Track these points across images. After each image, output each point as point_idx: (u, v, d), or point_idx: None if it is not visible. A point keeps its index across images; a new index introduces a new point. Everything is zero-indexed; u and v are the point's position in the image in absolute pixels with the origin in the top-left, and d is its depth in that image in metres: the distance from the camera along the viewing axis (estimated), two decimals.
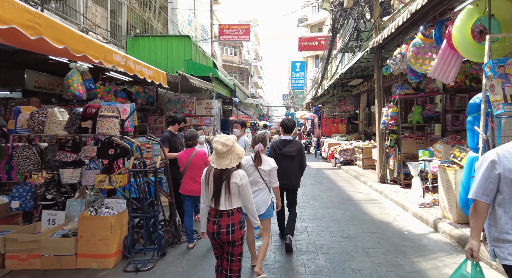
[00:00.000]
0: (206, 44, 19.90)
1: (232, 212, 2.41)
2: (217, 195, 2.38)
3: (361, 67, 10.96)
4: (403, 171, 6.97)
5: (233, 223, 2.39)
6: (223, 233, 2.37)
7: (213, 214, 2.43)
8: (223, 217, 2.39)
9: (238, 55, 41.67)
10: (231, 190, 2.36)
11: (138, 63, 3.30)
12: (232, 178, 2.37)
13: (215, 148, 2.39)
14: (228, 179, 2.36)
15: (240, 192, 2.42)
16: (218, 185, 2.37)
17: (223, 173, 2.37)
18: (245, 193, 2.43)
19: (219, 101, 9.63)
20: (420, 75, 6.10)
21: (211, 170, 2.44)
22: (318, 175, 9.75)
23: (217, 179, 2.38)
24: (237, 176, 2.39)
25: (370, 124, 14.14)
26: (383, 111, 7.41)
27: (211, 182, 2.40)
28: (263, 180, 3.23)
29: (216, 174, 2.38)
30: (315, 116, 19.96)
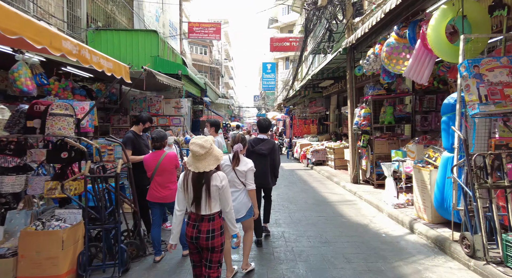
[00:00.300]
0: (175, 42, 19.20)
1: (213, 217, 2.32)
2: (197, 199, 2.28)
3: (332, 68, 11.04)
4: (375, 172, 7.01)
5: (214, 229, 2.30)
6: (202, 238, 2.27)
7: (193, 218, 2.33)
8: (204, 222, 2.30)
9: (209, 55, 40.97)
10: (211, 193, 2.28)
11: (95, 53, 2.87)
12: (212, 181, 2.28)
13: (192, 150, 2.27)
14: (208, 182, 2.27)
15: (220, 195, 2.33)
16: (197, 189, 2.27)
17: (202, 177, 2.28)
18: (224, 195, 2.35)
19: (189, 100, 9.18)
20: (393, 76, 6.15)
21: (188, 174, 2.32)
22: (291, 176, 9.62)
23: (196, 183, 2.27)
24: (217, 178, 2.30)
25: (340, 125, 14.35)
26: (356, 111, 7.43)
27: (190, 187, 2.29)
28: (240, 181, 3.12)
29: (195, 178, 2.28)
30: (287, 117, 20.00)
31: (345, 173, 9.31)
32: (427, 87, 6.83)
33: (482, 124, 3.83)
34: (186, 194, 2.32)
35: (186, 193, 2.32)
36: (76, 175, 3.44)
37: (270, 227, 4.70)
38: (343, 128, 13.17)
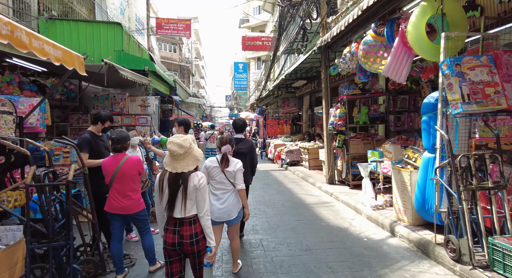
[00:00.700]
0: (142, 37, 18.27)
1: (194, 220, 2.18)
2: (171, 201, 2.14)
3: (305, 68, 10.95)
4: (351, 172, 6.93)
5: (197, 233, 2.16)
6: (186, 244, 2.14)
7: (172, 222, 2.18)
8: (185, 226, 2.15)
9: (178, 53, 39.82)
10: (188, 194, 2.14)
11: (36, 37, 2.36)
12: (190, 181, 2.15)
13: (169, 149, 2.15)
14: (186, 183, 2.14)
15: (196, 196, 2.17)
16: (173, 191, 2.14)
17: (179, 177, 2.15)
18: (201, 196, 2.17)
19: (157, 98, 8.61)
20: (369, 75, 6.07)
21: (164, 175, 2.19)
22: (266, 178, 9.35)
23: (172, 184, 2.14)
24: (195, 178, 2.17)
25: (313, 125, 14.36)
26: (331, 111, 7.31)
27: (166, 188, 2.16)
28: (230, 181, 3.06)
29: (171, 178, 2.15)
30: (260, 117, 19.77)
31: (320, 174, 9.21)
32: (401, 88, 6.85)
33: (462, 124, 3.76)
34: (161, 195, 2.19)
35: (161, 194, 2.19)
36: (17, 183, 2.88)
37: (247, 234, 4.37)
38: (316, 128, 13.16)
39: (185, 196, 2.12)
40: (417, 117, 6.89)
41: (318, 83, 11.45)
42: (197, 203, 2.18)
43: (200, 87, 56.39)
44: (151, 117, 8.28)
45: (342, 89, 7.26)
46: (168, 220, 2.21)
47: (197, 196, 2.16)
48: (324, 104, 7.62)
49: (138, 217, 3.19)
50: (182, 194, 2.12)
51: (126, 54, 8.45)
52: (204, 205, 2.18)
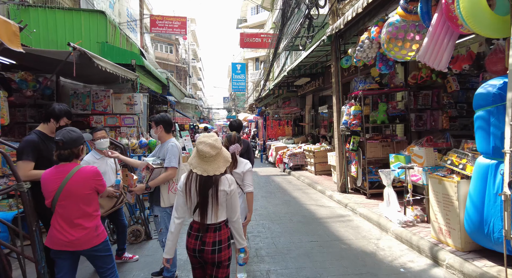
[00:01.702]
0: (135, 35, 17.33)
1: (219, 226, 2.02)
2: (203, 206, 1.97)
3: (310, 63, 10.06)
4: (368, 179, 6.00)
5: (221, 240, 1.99)
6: (207, 251, 1.96)
7: (196, 227, 2.02)
8: (209, 233, 1.99)
9: (175, 53, 38.97)
10: (219, 199, 1.98)
11: None
12: (221, 185, 1.99)
13: (201, 150, 1.95)
14: (216, 187, 1.97)
15: (227, 201, 2.03)
16: (204, 195, 1.96)
17: (209, 180, 1.97)
18: (232, 202, 2.05)
19: (145, 96, 7.67)
20: (391, 65, 5.15)
21: (192, 178, 2.00)
22: (268, 184, 8.40)
23: (203, 188, 1.96)
24: (225, 182, 2.01)
25: (317, 126, 13.45)
26: (343, 109, 6.39)
27: (194, 192, 1.98)
28: (238, 184, 2.84)
29: (202, 182, 1.97)
30: (259, 118, 18.85)
31: (329, 180, 8.27)
32: (423, 82, 5.96)
33: None
34: (188, 200, 2.02)
35: (188, 199, 2.02)
36: None
37: (250, 264, 3.42)
38: (321, 130, 12.24)
39: (216, 201, 1.97)
40: (441, 116, 6.00)
41: (323, 80, 10.56)
42: (228, 209, 2.05)
43: (198, 89, 55.54)
44: (139, 116, 7.35)
45: (356, 84, 6.34)
46: (192, 225, 2.05)
47: (228, 203, 2.03)
48: (335, 101, 6.69)
49: (97, 253, 2.24)
50: (212, 199, 1.97)
51: (111, 47, 7.51)
52: (237, 209, 2.07)
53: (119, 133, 7.16)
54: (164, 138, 3.08)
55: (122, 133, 7.15)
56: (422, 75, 5.88)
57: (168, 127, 3.09)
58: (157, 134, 3.08)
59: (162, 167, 2.91)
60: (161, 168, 2.91)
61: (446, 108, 5.95)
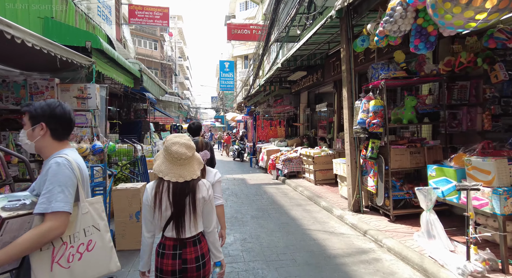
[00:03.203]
0: (109, 26, 15.51)
1: (199, 238, 1.80)
2: (179, 219, 1.72)
3: (307, 53, 8.60)
4: (392, 196, 4.55)
5: (203, 254, 1.79)
6: (191, 269, 1.73)
7: (171, 245, 1.74)
8: (189, 248, 1.75)
9: (159, 50, 37.12)
10: (197, 207, 1.76)
11: None
12: (199, 192, 1.77)
13: (176, 152, 1.70)
14: (194, 194, 1.75)
15: (203, 209, 1.81)
16: (181, 204, 1.72)
17: (186, 187, 1.73)
18: (209, 209, 1.83)
19: (103, 88, 6.03)
20: (432, 42, 3.71)
21: (163, 187, 1.72)
22: (259, 197, 6.88)
23: (179, 196, 1.72)
24: (203, 188, 1.80)
25: (313, 127, 12.02)
26: (358, 105, 4.93)
27: (167, 203, 1.71)
28: None
29: (177, 190, 1.72)
30: (248, 118, 17.31)
31: (333, 192, 6.82)
32: (461, 69, 4.58)
33: None
34: (158, 214, 1.73)
35: (158, 213, 1.72)
36: None
37: None
38: (319, 131, 10.82)
39: (194, 209, 1.74)
40: (479, 114, 4.66)
41: (322, 74, 9.12)
42: (205, 217, 1.83)
43: (185, 88, 53.69)
44: (94, 114, 5.73)
45: (374, 72, 4.89)
46: (164, 243, 1.76)
47: (206, 209, 1.82)
48: (346, 95, 5.23)
49: None
50: (190, 207, 1.73)
51: (58, 24, 5.88)
52: (214, 218, 1.87)
53: None
54: (48, 151, 1.52)
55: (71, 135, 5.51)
56: (461, 60, 4.49)
57: (61, 130, 1.54)
58: (31, 142, 1.51)
59: (30, 214, 1.34)
60: (28, 217, 1.34)
61: (488, 104, 4.59)
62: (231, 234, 4.53)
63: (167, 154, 1.72)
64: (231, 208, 6.04)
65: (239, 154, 15.98)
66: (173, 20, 43.63)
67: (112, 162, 6.22)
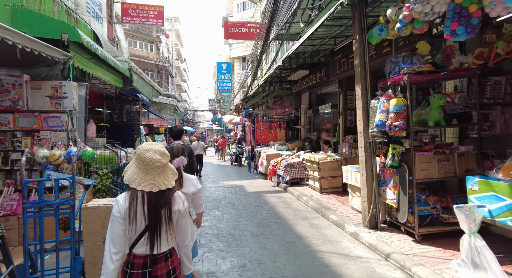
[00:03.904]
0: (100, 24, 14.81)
1: (170, 252, 1.70)
2: (154, 232, 1.62)
3: (311, 49, 7.92)
4: (417, 212, 3.85)
5: (174, 268, 1.70)
6: None
7: (140, 263, 1.62)
8: (160, 263, 1.65)
9: (156, 51, 36.41)
10: (173, 220, 1.68)
11: None
12: (175, 204, 1.69)
13: (150, 159, 1.63)
14: (170, 205, 1.66)
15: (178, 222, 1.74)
16: (157, 217, 1.62)
17: (161, 198, 1.65)
18: (184, 222, 1.76)
19: (82, 86, 5.31)
20: (474, 26, 3.03)
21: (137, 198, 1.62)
22: (260, 209, 6.16)
23: (154, 208, 1.63)
24: (179, 200, 1.73)
25: (315, 129, 11.34)
26: (374, 104, 4.24)
27: (141, 216, 1.61)
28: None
29: (152, 201, 1.63)
30: (246, 120, 16.61)
31: (342, 202, 6.11)
32: (496, 62, 3.91)
33: None
34: (131, 228, 1.61)
35: (131, 227, 1.60)
36: None
37: None
38: (322, 134, 10.13)
39: (170, 223, 1.66)
40: None
41: (326, 72, 8.45)
42: (181, 230, 1.76)
43: (182, 91, 53.00)
44: (70, 115, 5.03)
45: (393, 66, 4.21)
46: (132, 262, 1.63)
47: (182, 222, 1.75)
48: (360, 93, 4.53)
49: None
50: (166, 220, 1.64)
51: (29, 13, 5.15)
52: (189, 231, 1.80)
53: (38, 141, 4.81)
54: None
55: (42, 140, 4.80)
56: (498, 51, 3.82)
57: None
58: None
59: None
60: None
61: None
62: (227, 258, 3.81)
63: (139, 163, 1.66)
64: (228, 222, 5.31)
65: (236, 158, 15.26)
66: (170, 21, 43.04)
67: (92, 171, 5.48)
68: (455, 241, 3.74)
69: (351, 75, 7.58)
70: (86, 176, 5.32)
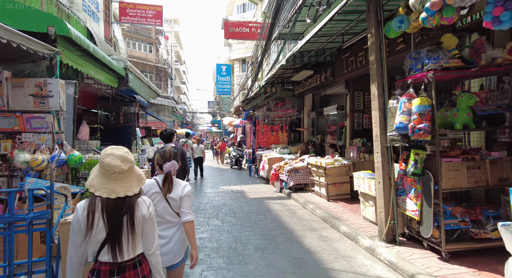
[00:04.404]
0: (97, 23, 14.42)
1: (139, 260, 1.63)
2: (116, 239, 1.55)
3: (316, 47, 7.50)
4: (443, 225, 3.40)
5: (145, 276, 1.63)
6: None
7: (106, 271, 1.56)
8: (128, 272, 1.57)
9: (155, 53, 36.04)
10: (136, 227, 1.59)
11: None
12: (138, 210, 1.61)
13: (108, 164, 1.57)
14: (132, 212, 1.59)
15: (143, 229, 1.64)
16: (117, 224, 1.55)
17: (121, 205, 1.58)
18: (150, 229, 1.66)
19: (71, 84, 4.86)
20: None
21: (96, 204, 1.56)
22: (263, 218, 5.70)
23: (114, 214, 1.55)
24: (143, 205, 1.65)
25: (319, 132, 10.90)
26: (393, 104, 3.81)
27: (101, 223, 1.54)
28: (175, 212, 2.21)
29: (110, 208, 1.56)
30: (246, 122, 16.16)
31: (352, 211, 5.66)
32: None
33: None
34: (90, 236, 1.54)
35: (90, 235, 1.54)
36: None
37: None
38: (326, 137, 9.69)
39: (132, 229, 1.57)
40: None
41: (332, 72, 8.03)
42: (146, 237, 1.66)
43: (181, 93, 52.64)
44: (57, 117, 4.58)
45: (415, 62, 3.77)
46: (98, 269, 1.57)
47: (146, 228, 1.65)
48: (377, 92, 4.09)
49: None
50: (128, 227, 1.56)
51: (12, 2, 4.70)
52: (155, 239, 1.70)
53: (20, 144, 4.37)
54: None
55: (24, 143, 4.35)
56: None
57: None
58: None
59: None
60: None
61: None
62: (228, 277, 3.35)
63: (101, 167, 1.59)
64: (229, 233, 4.85)
65: (236, 161, 14.80)
66: (170, 23, 42.77)
67: (80, 177, 5.02)
68: (490, 260, 3.30)
69: (360, 75, 7.17)
70: (73, 182, 4.86)
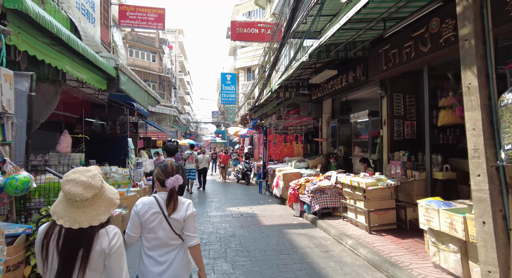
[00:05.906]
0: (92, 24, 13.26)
1: None
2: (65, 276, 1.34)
3: (344, 41, 6.12)
4: None
5: None
6: None
7: None
8: None
9: (158, 62, 35.20)
10: (90, 263, 1.35)
11: None
12: (97, 243, 1.37)
13: (68, 192, 1.36)
14: (89, 245, 1.36)
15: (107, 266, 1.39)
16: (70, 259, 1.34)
17: (81, 236, 1.37)
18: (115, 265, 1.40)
19: (26, 77, 3.51)
20: None
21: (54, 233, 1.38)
22: (287, 259, 4.18)
23: (70, 248, 1.35)
24: (104, 238, 1.39)
25: (341, 143, 9.42)
26: (510, 101, 2.37)
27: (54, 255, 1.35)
28: (177, 235, 1.91)
29: (69, 239, 1.36)
30: (254, 132, 14.73)
31: (410, 251, 4.11)
32: None
33: None
34: (45, 268, 1.37)
35: (45, 266, 1.36)
36: None
37: None
38: (354, 148, 8.21)
39: (84, 267, 1.33)
40: None
41: (364, 70, 6.62)
42: (109, 274, 1.40)
43: (185, 103, 51.70)
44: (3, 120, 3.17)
45: None
46: None
47: (110, 264, 1.39)
48: (477, 82, 2.64)
49: None
50: (81, 263, 1.34)
51: None
52: (122, 276, 1.41)
53: None
54: None
55: None
56: None
57: None
58: None
59: None
60: None
61: None
62: None
63: (62, 193, 1.41)
64: None
65: (244, 175, 13.29)
66: (174, 34, 42.24)
67: (31, 208, 3.58)
68: None
69: (402, 73, 5.76)
70: (21, 216, 3.41)
